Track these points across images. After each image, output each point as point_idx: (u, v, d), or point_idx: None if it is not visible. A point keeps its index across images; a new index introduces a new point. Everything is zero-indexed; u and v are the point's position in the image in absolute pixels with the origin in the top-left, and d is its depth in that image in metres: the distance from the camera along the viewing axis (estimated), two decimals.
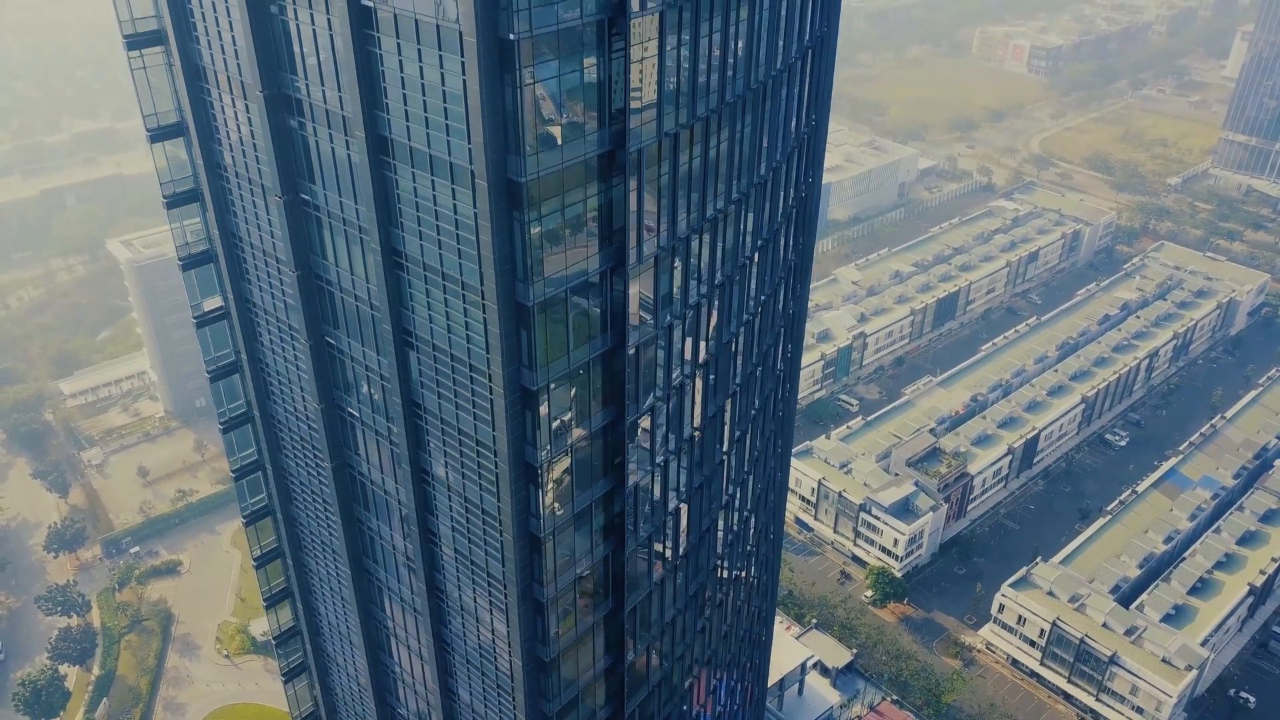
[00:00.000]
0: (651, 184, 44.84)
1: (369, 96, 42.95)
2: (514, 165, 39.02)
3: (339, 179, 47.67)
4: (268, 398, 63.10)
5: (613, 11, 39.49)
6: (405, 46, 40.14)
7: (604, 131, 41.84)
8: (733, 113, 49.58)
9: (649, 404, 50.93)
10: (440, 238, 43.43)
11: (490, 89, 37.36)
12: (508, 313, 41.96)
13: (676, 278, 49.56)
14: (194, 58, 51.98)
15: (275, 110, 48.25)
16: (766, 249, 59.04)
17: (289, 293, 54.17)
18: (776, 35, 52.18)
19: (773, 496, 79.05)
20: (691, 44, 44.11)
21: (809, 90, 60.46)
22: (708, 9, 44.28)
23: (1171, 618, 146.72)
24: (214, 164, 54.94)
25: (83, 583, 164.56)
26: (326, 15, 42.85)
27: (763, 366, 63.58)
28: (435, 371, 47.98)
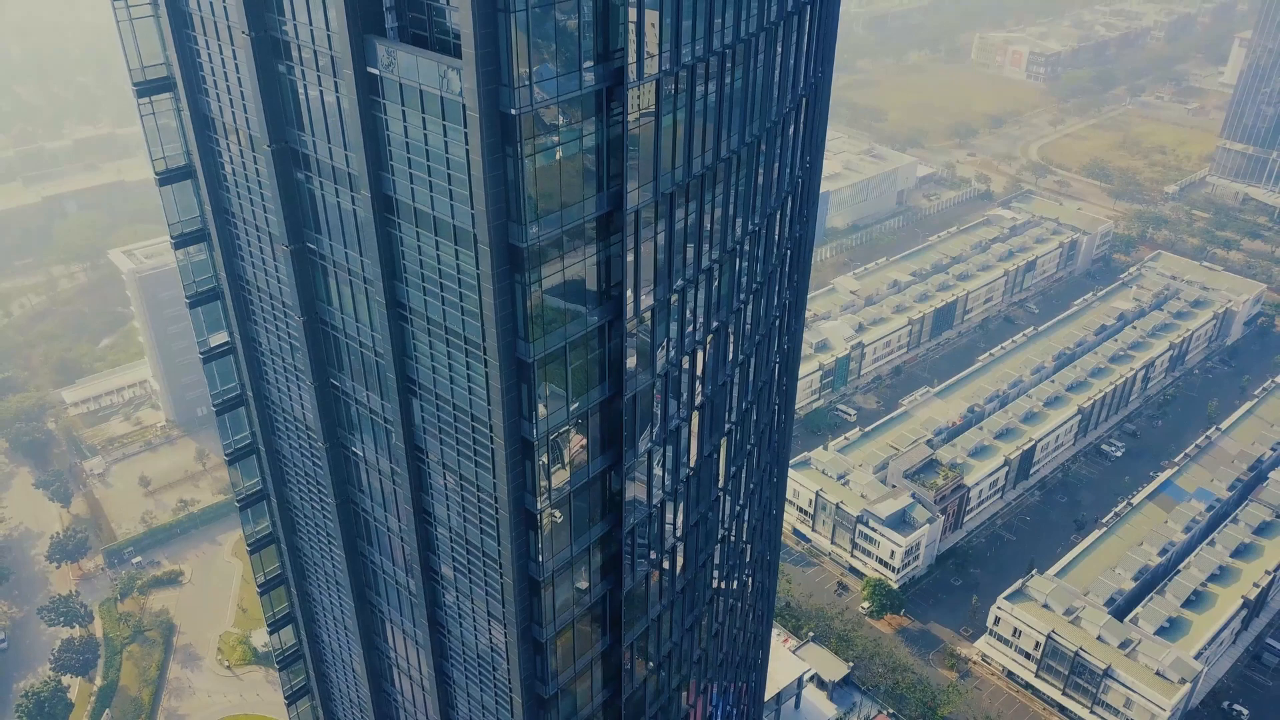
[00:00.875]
0: (649, 240, 46.02)
1: (374, 157, 44.10)
2: (515, 232, 40.26)
3: (344, 232, 48.83)
4: (273, 433, 64.32)
5: (611, 82, 40.70)
6: (410, 114, 41.33)
7: (602, 195, 43.05)
8: (728, 168, 50.74)
9: (645, 448, 52.13)
10: (444, 294, 44.62)
11: (492, 159, 38.54)
12: (509, 368, 43.18)
13: (673, 327, 50.75)
14: (203, 108, 53.13)
15: (282, 163, 49.38)
16: (761, 291, 60.24)
17: (294, 335, 55.31)
18: (770, 91, 53.35)
19: (770, 513, 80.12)
20: (687, 107, 45.29)
21: (804, 135, 61.58)
22: (702, 75, 45.44)
23: (1166, 630, 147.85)
24: (221, 209, 56.07)
25: (85, 593, 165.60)
26: (334, 78, 43.98)
27: (758, 403, 64.73)
28: (438, 419, 49.18)
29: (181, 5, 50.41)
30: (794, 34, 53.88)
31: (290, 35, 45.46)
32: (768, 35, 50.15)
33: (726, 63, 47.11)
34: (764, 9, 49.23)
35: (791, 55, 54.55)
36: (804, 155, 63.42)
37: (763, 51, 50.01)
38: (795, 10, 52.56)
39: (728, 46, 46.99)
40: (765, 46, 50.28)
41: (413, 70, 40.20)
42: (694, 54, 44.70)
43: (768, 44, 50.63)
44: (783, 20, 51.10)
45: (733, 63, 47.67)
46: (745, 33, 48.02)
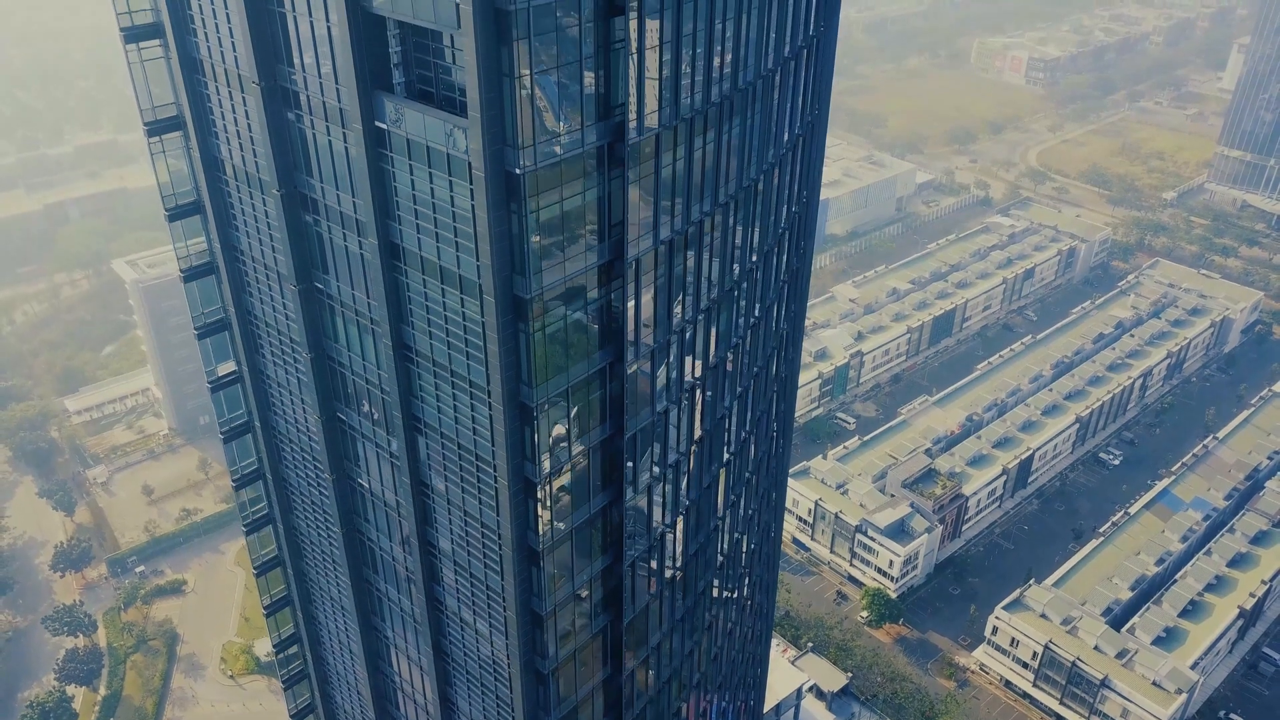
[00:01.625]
0: (649, 286, 47.13)
1: (382, 206, 45.23)
2: (519, 283, 41.42)
3: (352, 274, 49.96)
4: (279, 461, 65.47)
5: (612, 138, 41.83)
6: (417, 167, 42.44)
7: (604, 244, 44.21)
8: (725, 213, 51.85)
9: (645, 483, 53.28)
10: (449, 339, 45.73)
11: (497, 215, 39.68)
12: (512, 411, 44.31)
13: (673, 366, 51.85)
14: (212, 150, 54.25)
15: (291, 206, 50.49)
16: (758, 326, 61.35)
17: (302, 370, 56.45)
18: (768, 135, 54.43)
19: (769, 535, 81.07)
20: (686, 158, 46.38)
21: (800, 171, 62.65)
22: (700, 125, 46.53)
23: (1162, 640, 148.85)
24: (230, 246, 57.19)
25: (89, 602, 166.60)
26: (342, 129, 45.09)
27: (756, 432, 65.84)
28: (443, 457, 50.33)
29: (192, 51, 51.50)
30: (791, 78, 54.97)
31: (299, 86, 46.58)
32: (765, 83, 51.29)
33: (725, 112, 48.26)
34: (761, 57, 50.34)
35: (789, 98, 55.62)
36: (801, 190, 64.56)
37: (760, 99, 51.12)
38: (793, 55, 53.63)
39: (725, 96, 48.15)
40: (763, 94, 51.41)
41: (420, 127, 41.34)
42: (693, 105, 45.82)
43: (765, 91, 51.77)
44: (780, 66, 52.14)
45: (731, 111, 48.82)
46: (743, 82, 49.19)
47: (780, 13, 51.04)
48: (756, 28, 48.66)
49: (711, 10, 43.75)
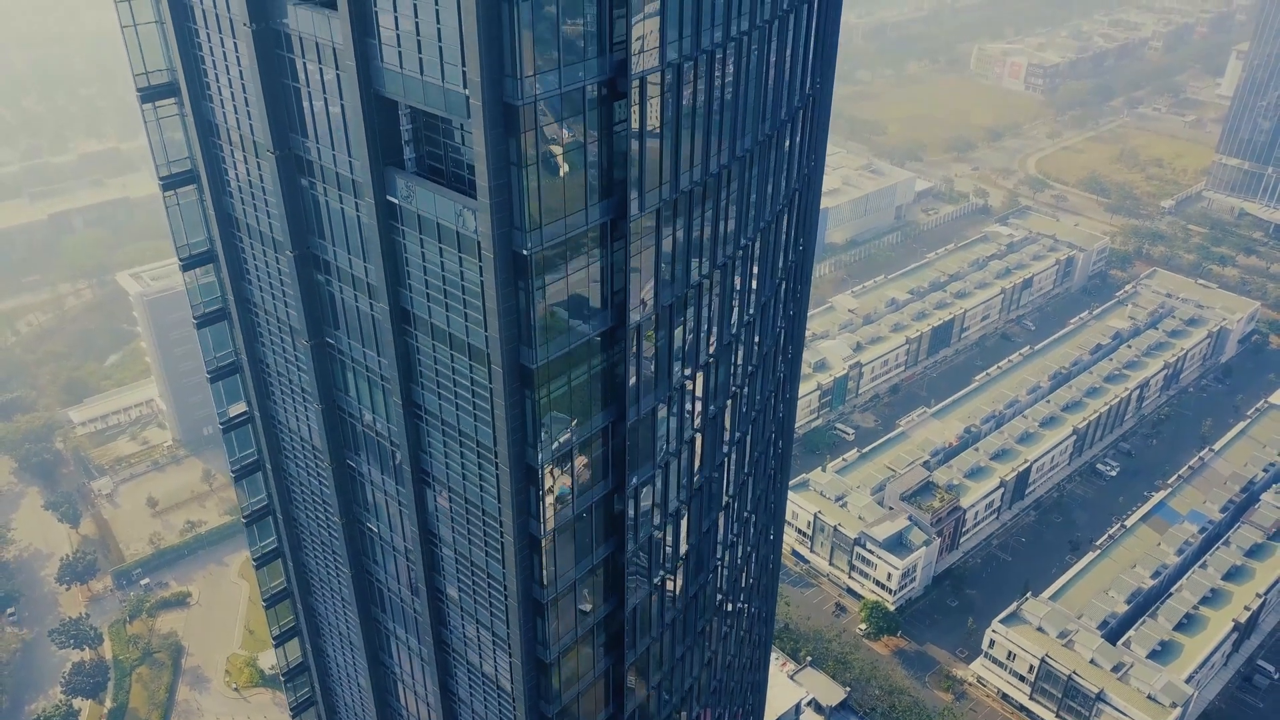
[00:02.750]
0: (650, 347, 48.69)
1: (393, 273, 46.77)
2: (525, 354, 43.00)
3: (363, 332, 51.50)
4: (290, 502, 67.03)
5: (615, 214, 43.35)
6: (428, 241, 43.96)
7: (606, 312, 45.78)
8: (724, 274, 53.40)
9: (646, 536, 54.83)
10: (458, 401, 47.31)
11: (505, 291, 41.23)
12: (518, 472, 45.88)
13: (673, 422, 53.44)
14: (227, 208, 55.77)
15: (304, 266, 52.04)
16: (756, 375, 62.85)
17: (313, 420, 58.01)
18: (764, 197, 55.94)
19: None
20: (685, 229, 47.93)
21: (796, 227, 64.11)
22: (699, 198, 48.04)
23: (1158, 654, 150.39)
24: (243, 299, 58.73)
25: (94, 614, 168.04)
26: (355, 199, 46.60)
27: (754, 474, 67.35)
28: (450, 510, 51.90)
29: (208, 115, 53.00)
30: (788, 138, 55.97)
31: (313, 156, 48.08)
32: (762, 147, 52.54)
33: (723, 181, 49.78)
34: (758, 124, 51.66)
35: (786, 159, 56.84)
36: (798, 238, 66.00)
37: (758, 162, 52.42)
38: (789, 117, 54.76)
39: (724, 166, 49.65)
40: (760, 157, 52.64)
41: (431, 205, 42.86)
42: (692, 180, 47.35)
43: (762, 154, 52.95)
44: (777, 130, 53.35)
45: (729, 179, 50.33)
46: (741, 150, 50.66)
47: (778, 80, 52.54)
48: (755, 97, 50.15)
49: (710, 88, 45.27)
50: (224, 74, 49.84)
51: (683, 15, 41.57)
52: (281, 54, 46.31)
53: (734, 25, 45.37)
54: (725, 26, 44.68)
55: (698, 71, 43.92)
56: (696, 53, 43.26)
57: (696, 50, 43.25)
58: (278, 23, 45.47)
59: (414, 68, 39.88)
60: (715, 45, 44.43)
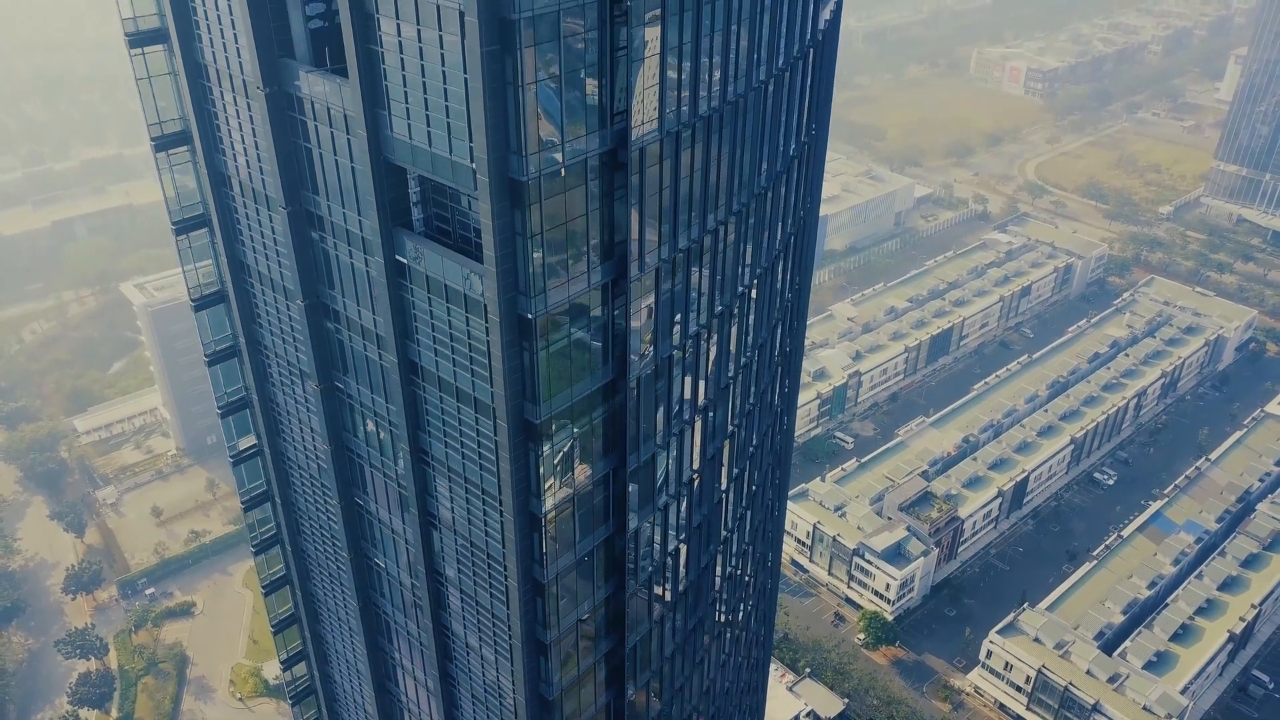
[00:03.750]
0: (650, 397, 50.20)
1: (401, 327, 48.20)
2: (530, 410, 44.49)
3: (371, 380, 52.99)
4: (298, 534, 68.59)
5: (616, 274, 44.86)
6: (435, 300, 45.39)
7: (608, 365, 47.29)
8: (721, 321, 54.78)
9: (647, 574, 56.34)
10: (464, 450, 48.81)
11: (510, 352, 42.67)
12: (523, 518, 47.39)
13: (670, 466, 54.97)
14: (239, 255, 57.27)
15: (314, 314, 53.52)
16: (754, 414, 64.40)
17: (322, 459, 59.51)
18: (760, 249, 57.56)
19: (766, 564, 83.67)
20: (684, 284, 49.33)
21: (792, 269, 65.50)
22: (697, 254, 49.47)
23: (1153, 665, 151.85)
24: (253, 340, 60.21)
25: (100, 624, 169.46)
26: (364, 255, 48.06)
27: (752, 507, 68.81)
28: (456, 552, 53.44)
29: (220, 167, 54.47)
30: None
31: (324, 213, 49.54)
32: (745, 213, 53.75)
33: (718, 237, 51.25)
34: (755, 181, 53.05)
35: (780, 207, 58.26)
36: (794, 276, 67.49)
37: (740, 224, 53.79)
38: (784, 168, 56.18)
39: (720, 222, 51.13)
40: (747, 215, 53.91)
41: (439, 267, 44.32)
42: (689, 238, 48.87)
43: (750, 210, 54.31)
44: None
45: (724, 234, 51.82)
46: (732, 210, 52.23)
47: (773, 135, 54.00)
48: (751, 155, 51.55)
49: (707, 151, 46.78)
50: (236, 130, 51.31)
51: (680, 86, 43.03)
52: (294, 116, 47.78)
53: (730, 89, 46.84)
54: (723, 92, 46.12)
55: (695, 136, 45.39)
56: (694, 119, 44.74)
57: (694, 117, 44.73)
58: (290, 85, 46.93)
59: (423, 140, 41.35)
60: (712, 111, 45.91)
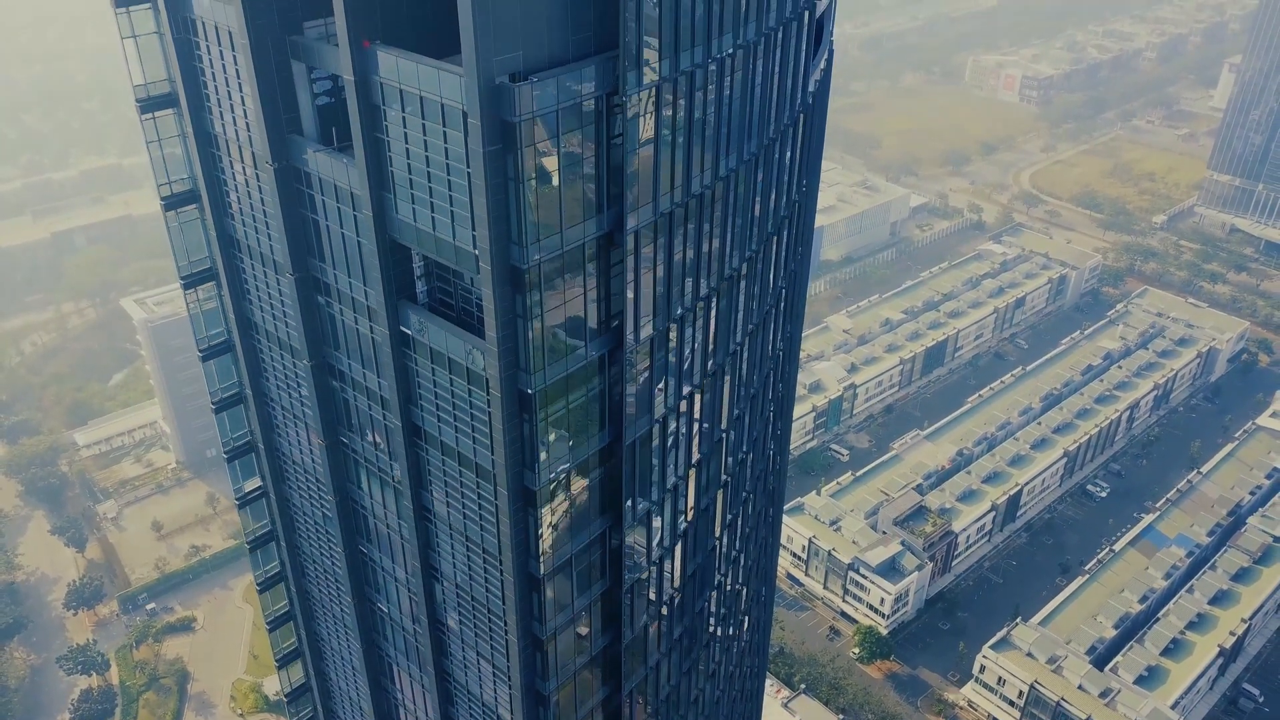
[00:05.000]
0: (645, 453, 51.95)
1: (405, 392, 49.77)
2: (529, 477, 46.23)
3: (375, 437, 54.66)
4: (303, 576, 70.21)
5: (612, 344, 46.53)
6: (439, 371, 46.99)
7: (604, 431, 49.05)
8: (716, 380, 56.51)
9: (642, 624, 58.02)
10: (465, 512, 50.49)
11: (511, 424, 44.32)
12: (523, 579, 49.10)
13: (667, 521, 56.69)
14: (246, 312, 58.86)
15: (320, 373, 55.12)
16: (753, 454, 66.13)
17: (327, 509, 61.16)
18: (752, 312, 59.22)
19: (761, 594, 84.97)
20: (677, 356, 51.02)
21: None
22: (690, 319, 51.12)
23: (1144, 679, 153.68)
24: (259, 391, 61.77)
25: (101, 640, 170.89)
26: (369, 323, 49.69)
27: (745, 550, 70.48)
28: (458, 605, 55.14)
29: (230, 230, 56.08)
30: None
31: (330, 280, 51.14)
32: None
33: (713, 300, 53.01)
34: (745, 244, 54.83)
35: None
36: (786, 325, 69.10)
37: (732, 289, 55.49)
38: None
39: (713, 289, 52.82)
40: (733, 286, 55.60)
41: (442, 341, 45.91)
42: (683, 306, 50.46)
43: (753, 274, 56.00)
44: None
45: (718, 299, 53.53)
46: (729, 271, 53.93)
47: (764, 201, 55.73)
48: (743, 221, 53.27)
49: (699, 226, 48.43)
50: (245, 197, 52.85)
51: (674, 168, 44.71)
52: (301, 188, 49.38)
53: (722, 166, 48.51)
54: (714, 170, 47.78)
55: (688, 214, 47.08)
56: (687, 198, 46.40)
57: (688, 196, 46.39)
58: (298, 160, 48.52)
59: (427, 224, 42.95)
60: (704, 188, 47.59)
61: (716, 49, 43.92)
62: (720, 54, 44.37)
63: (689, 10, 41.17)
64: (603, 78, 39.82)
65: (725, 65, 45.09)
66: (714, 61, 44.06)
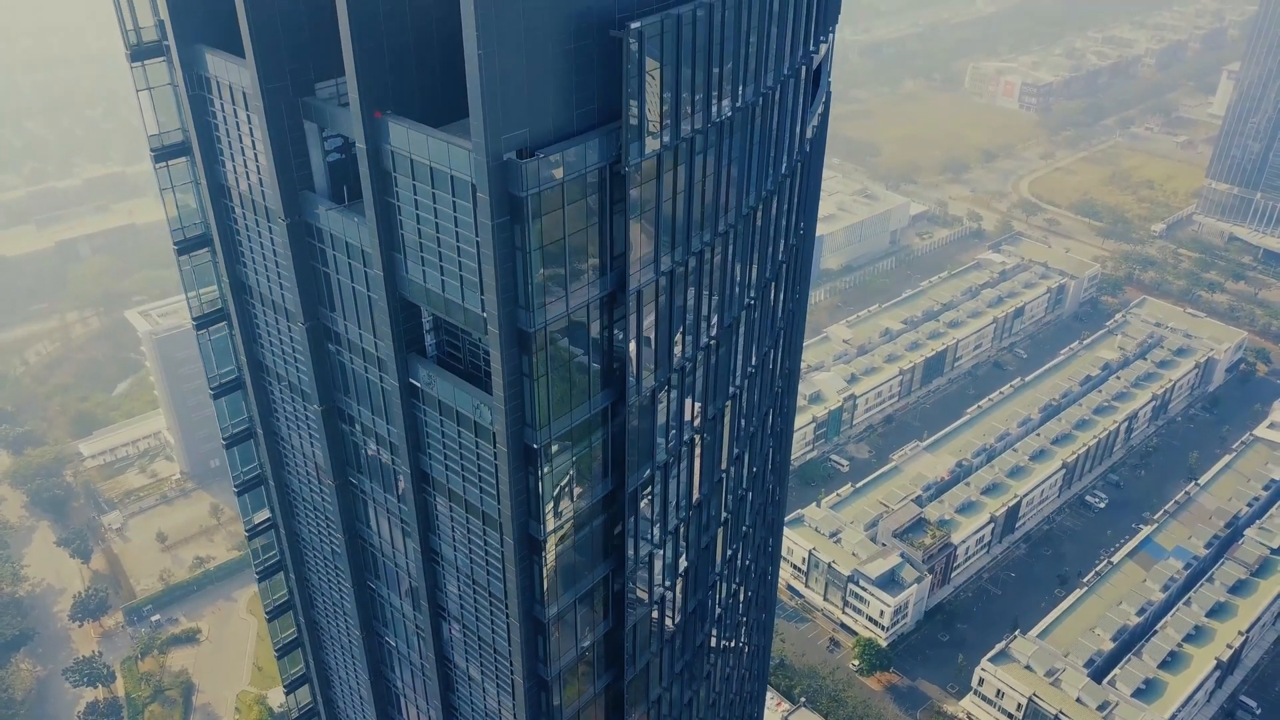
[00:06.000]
0: (646, 502, 53.34)
1: (414, 440, 51.10)
2: (534, 527, 47.61)
3: (384, 480, 56.00)
4: (312, 607, 71.61)
5: (614, 398, 48.03)
6: (447, 423, 48.37)
7: (606, 479, 50.46)
8: (715, 426, 57.99)
9: (644, 662, 59.43)
10: (471, 555, 51.84)
11: (516, 476, 45.73)
12: (528, 624, 50.52)
13: (669, 562, 58.07)
14: (257, 355, 60.20)
15: (330, 417, 56.50)
16: (742, 501, 67.52)
17: (337, 549, 62.58)
18: (750, 356, 60.67)
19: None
20: (678, 402, 52.41)
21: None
22: (691, 370, 52.56)
23: (1142, 692, 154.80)
24: (270, 429, 63.16)
25: (106, 651, 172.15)
26: (379, 372, 50.99)
27: (745, 583, 71.77)
28: (465, 646, 56.52)
29: (242, 278, 57.41)
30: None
31: (340, 329, 52.50)
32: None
33: (711, 350, 54.41)
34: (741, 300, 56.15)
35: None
36: (784, 361, 70.47)
37: (731, 336, 56.76)
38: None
39: (712, 339, 54.21)
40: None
41: (450, 394, 47.27)
42: (684, 357, 51.86)
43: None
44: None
45: (716, 348, 54.93)
46: (725, 323, 55.36)
47: (762, 249, 57.08)
48: (742, 270, 54.65)
49: (700, 279, 49.84)
50: (258, 247, 54.15)
51: (674, 233, 46.13)
52: (313, 243, 50.72)
53: (721, 222, 49.86)
54: (714, 227, 49.17)
55: (688, 271, 48.43)
56: (687, 257, 47.76)
57: (688, 255, 47.76)
58: (310, 215, 49.86)
59: (436, 286, 44.31)
60: (704, 245, 48.92)
61: (716, 113, 45.34)
62: (720, 118, 45.79)
63: (689, 80, 42.52)
64: (606, 149, 41.23)
65: (725, 128, 46.50)
66: (714, 126, 45.46)
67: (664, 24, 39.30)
